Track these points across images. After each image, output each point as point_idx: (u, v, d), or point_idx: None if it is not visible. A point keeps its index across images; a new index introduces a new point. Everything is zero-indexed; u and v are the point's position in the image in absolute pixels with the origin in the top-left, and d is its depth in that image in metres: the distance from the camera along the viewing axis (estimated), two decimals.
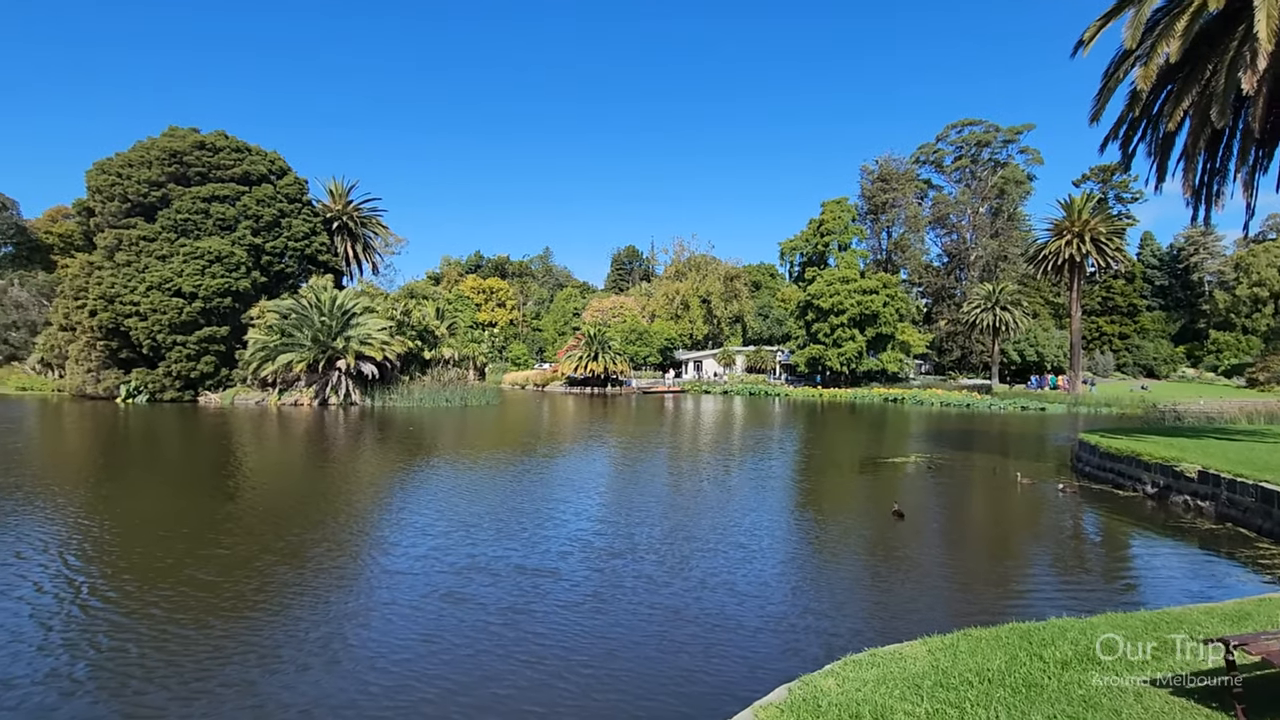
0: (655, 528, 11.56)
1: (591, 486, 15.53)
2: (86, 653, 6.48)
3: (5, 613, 7.41)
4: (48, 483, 15.13)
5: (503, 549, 10.20)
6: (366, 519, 12.26)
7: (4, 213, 68.80)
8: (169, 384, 39.99)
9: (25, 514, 12.00)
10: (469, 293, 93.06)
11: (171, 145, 42.13)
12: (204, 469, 17.78)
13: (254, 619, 7.30)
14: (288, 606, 7.71)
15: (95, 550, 9.91)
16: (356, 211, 53.99)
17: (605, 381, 62.17)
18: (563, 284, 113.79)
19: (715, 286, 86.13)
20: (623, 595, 8.28)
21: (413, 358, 45.76)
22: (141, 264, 39.49)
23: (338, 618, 7.37)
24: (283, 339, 38.58)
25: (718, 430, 30.11)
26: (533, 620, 7.41)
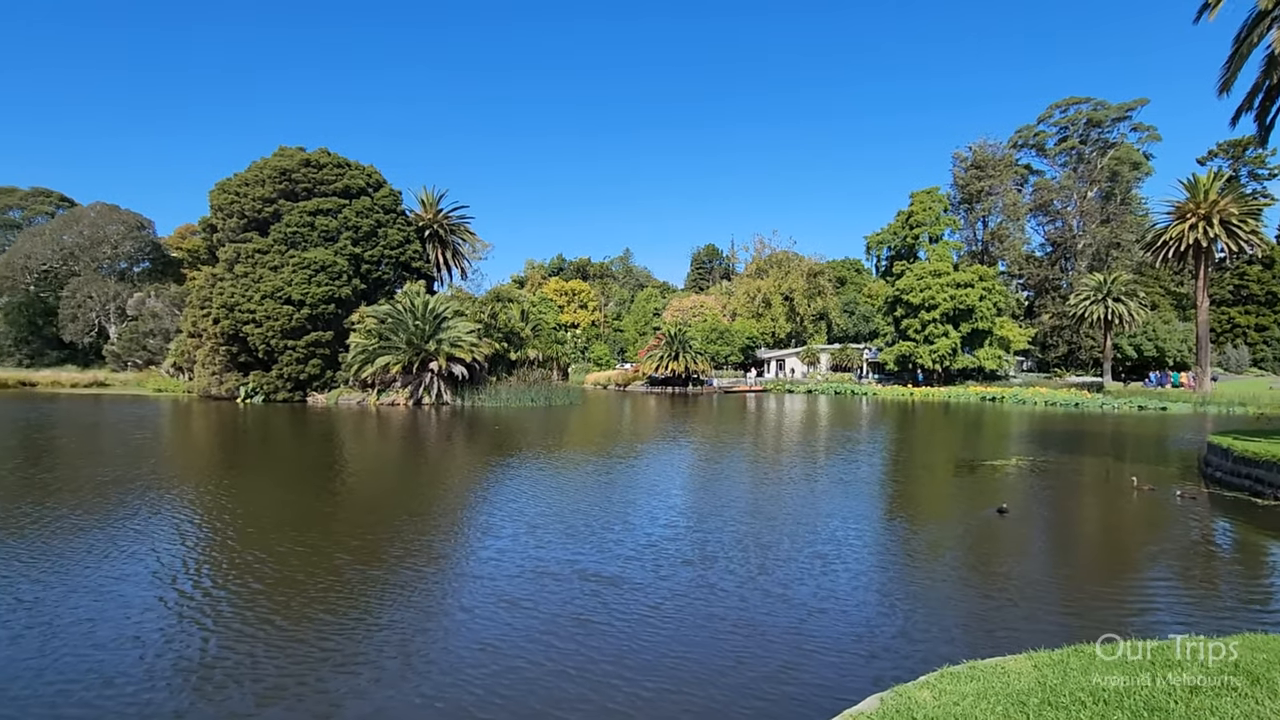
0: (731, 534, 11.20)
1: (666, 489, 15.38)
2: (172, 646, 6.68)
3: (112, 601, 7.84)
4: (166, 476, 16.58)
5: (569, 552, 10.05)
6: (444, 519, 12.54)
7: (142, 232, 76.33)
8: (281, 385, 43.13)
9: (142, 505, 13.11)
10: (552, 295, 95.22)
11: (281, 164, 45.46)
12: (308, 465, 19.00)
13: (325, 620, 7.35)
14: (352, 609, 7.72)
15: (198, 541, 10.69)
16: (446, 219, 56.36)
17: (686, 381, 62.05)
18: (643, 284, 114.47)
19: (798, 283, 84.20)
20: (691, 606, 7.97)
21: (499, 359, 47.30)
22: (256, 275, 42.81)
23: (399, 623, 7.32)
24: (380, 342, 40.79)
25: (801, 431, 29.42)
26: (592, 632, 7.16)
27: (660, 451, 22.02)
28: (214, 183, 46.75)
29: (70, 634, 6.85)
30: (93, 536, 10.69)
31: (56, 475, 16.41)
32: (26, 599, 7.79)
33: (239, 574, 8.86)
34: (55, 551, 9.81)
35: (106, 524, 11.50)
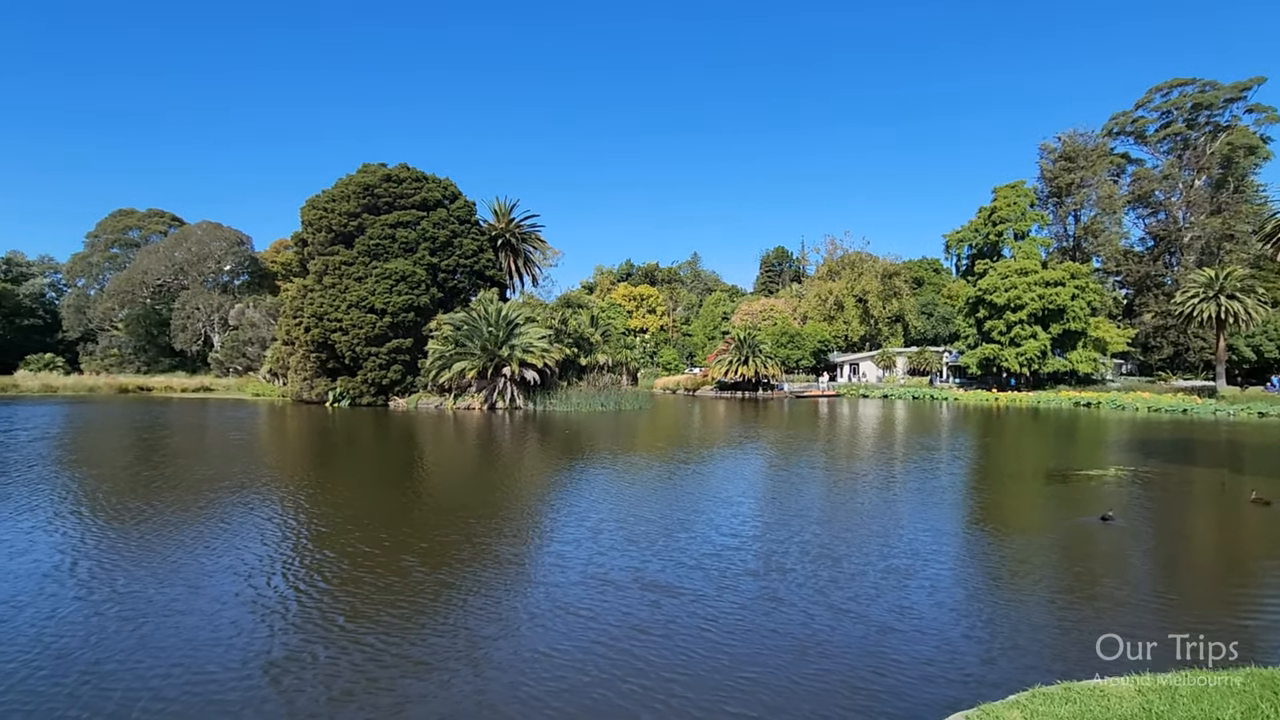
0: (799, 544, 10.75)
1: (734, 496, 15.04)
2: (247, 640, 6.93)
3: (199, 594, 8.28)
4: (256, 475, 17.62)
5: (632, 559, 9.87)
6: (511, 522, 12.58)
7: (241, 247, 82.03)
8: (365, 390, 45.30)
9: (232, 502, 13.94)
10: (621, 300, 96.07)
11: (364, 180, 47.89)
12: (385, 467, 19.79)
13: (391, 621, 7.42)
14: (418, 611, 7.75)
15: (277, 539, 11.20)
16: (518, 228, 57.84)
17: (756, 385, 61.23)
18: (711, 288, 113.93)
19: (872, 285, 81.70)
20: (753, 619, 7.64)
21: (570, 364, 48.07)
22: (343, 285, 45.19)
23: (463, 628, 7.32)
24: (457, 349, 42.23)
25: (876, 436, 28.45)
26: (648, 643, 6.96)
27: (729, 457, 21.70)
28: (305, 199, 49.76)
29: (159, 623, 7.31)
30: (186, 532, 11.47)
31: (161, 473, 17.81)
32: (121, 589, 8.43)
33: (312, 572, 9.22)
34: (152, 545, 10.58)
35: (199, 520, 12.32)
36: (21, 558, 9.69)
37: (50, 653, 6.56)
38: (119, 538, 11.01)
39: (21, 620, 7.37)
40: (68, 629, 7.14)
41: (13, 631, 7.08)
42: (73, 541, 10.66)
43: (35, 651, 6.59)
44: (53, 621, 7.34)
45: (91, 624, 7.27)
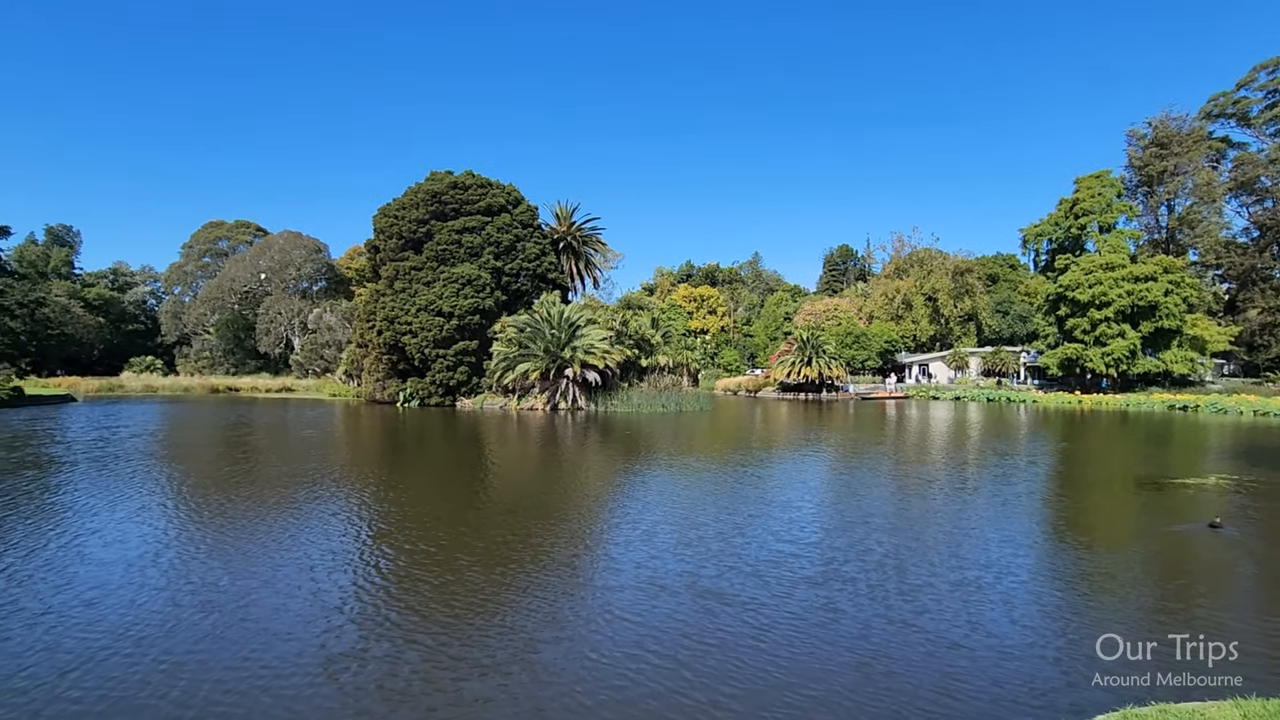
0: (862, 552, 10.26)
1: (795, 500, 14.57)
2: (306, 636, 7.11)
3: (266, 589, 8.56)
4: (327, 473, 18.31)
5: (686, 564, 9.63)
6: (568, 523, 12.51)
7: (319, 255, 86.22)
8: (434, 390, 46.75)
9: (303, 499, 14.52)
10: (681, 301, 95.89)
11: (432, 188, 49.47)
12: (450, 466, 20.23)
13: (445, 620, 7.47)
14: (475, 613, 7.75)
15: (341, 535, 11.52)
16: (579, 231, 58.54)
17: (820, 387, 59.86)
18: (773, 288, 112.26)
19: (942, 282, 78.67)
20: (808, 629, 7.31)
21: (631, 365, 48.23)
22: (412, 290, 46.80)
23: (516, 629, 7.29)
24: (520, 350, 43.04)
25: (947, 440, 27.26)
26: (696, 652, 6.74)
27: (790, 460, 21.14)
28: (377, 207, 51.82)
29: (230, 614, 7.62)
30: (260, 526, 12.01)
31: (240, 468, 18.84)
32: (197, 579, 8.87)
33: (373, 568, 9.42)
34: (228, 538, 11.10)
35: (273, 514, 12.90)
36: (112, 547, 10.36)
37: (129, 638, 6.95)
38: (199, 530, 11.65)
39: (107, 605, 7.86)
40: (146, 616, 7.55)
41: (98, 616, 7.54)
42: (158, 532, 11.33)
43: (116, 635, 7.00)
44: (134, 608, 7.79)
45: (168, 612, 7.67)
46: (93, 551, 10.14)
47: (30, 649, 6.66)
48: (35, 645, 6.75)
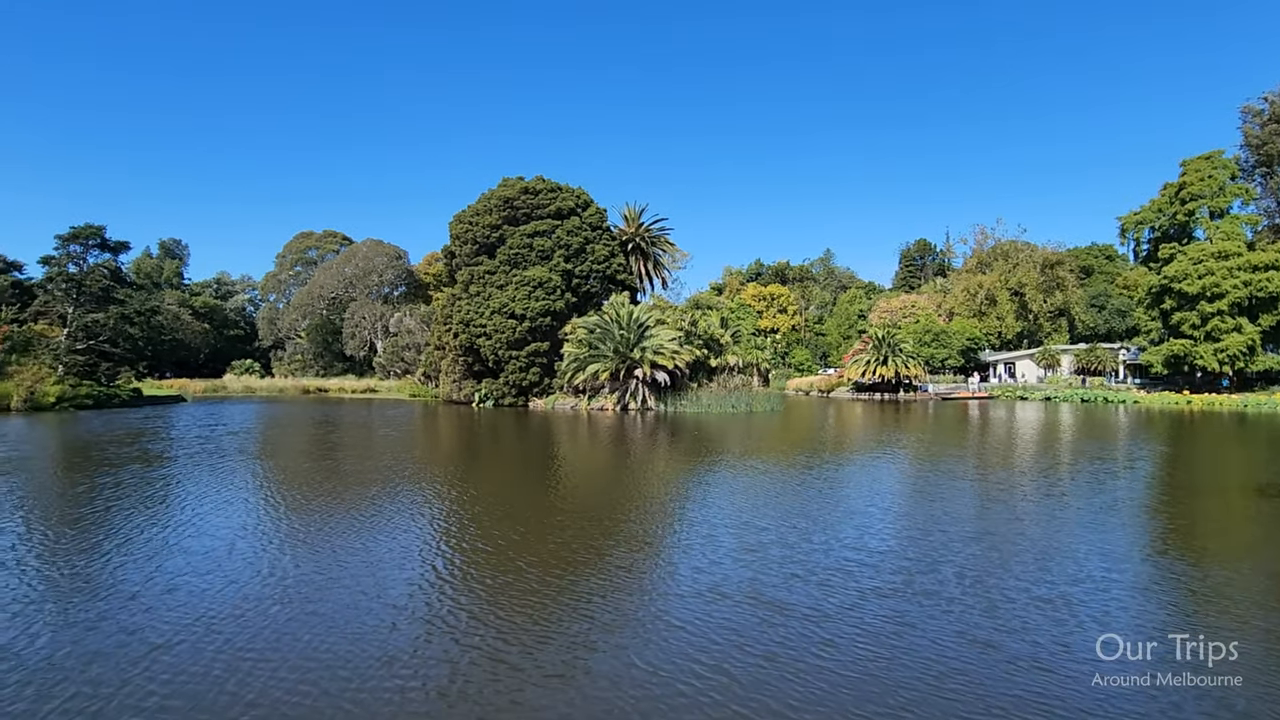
0: (938, 563, 9.56)
1: (867, 505, 13.93)
2: (371, 634, 7.19)
3: (333, 585, 8.77)
4: (401, 470, 19.00)
5: (750, 571, 9.19)
6: (633, 526, 12.37)
7: (399, 261, 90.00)
8: (507, 391, 47.94)
9: (378, 496, 15.09)
10: (750, 300, 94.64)
11: (504, 193, 50.74)
12: (520, 466, 20.58)
13: (500, 622, 7.43)
14: (524, 616, 7.64)
15: (409, 533, 11.83)
16: (647, 232, 58.70)
17: (897, 387, 57.81)
18: (846, 286, 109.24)
19: (1029, 276, 74.51)
20: (875, 645, 6.79)
21: (700, 365, 47.96)
22: (486, 293, 48.14)
23: (571, 635, 7.15)
24: (590, 351, 43.53)
25: (1037, 443, 25.69)
26: (748, 665, 6.36)
27: (864, 463, 20.35)
28: (452, 214, 53.59)
29: (295, 609, 7.86)
30: (334, 522, 12.49)
31: (319, 465, 19.80)
32: (266, 572, 9.26)
33: (438, 567, 9.53)
34: (302, 534, 11.56)
35: (348, 510, 13.43)
36: (198, 537, 11.05)
37: (199, 625, 7.29)
38: (278, 523, 12.28)
39: (184, 592, 8.34)
40: (218, 606, 7.93)
41: (175, 602, 8.00)
42: (238, 525, 11.99)
43: (187, 623, 7.38)
44: (206, 597, 8.21)
45: (237, 603, 8.01)
46: (179, 540, 10.85)
47: (119, 629, 7.16)
48: (124, 627, 7.24)
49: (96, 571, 9.30)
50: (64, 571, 9.34)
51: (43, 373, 41.91)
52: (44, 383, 40.58)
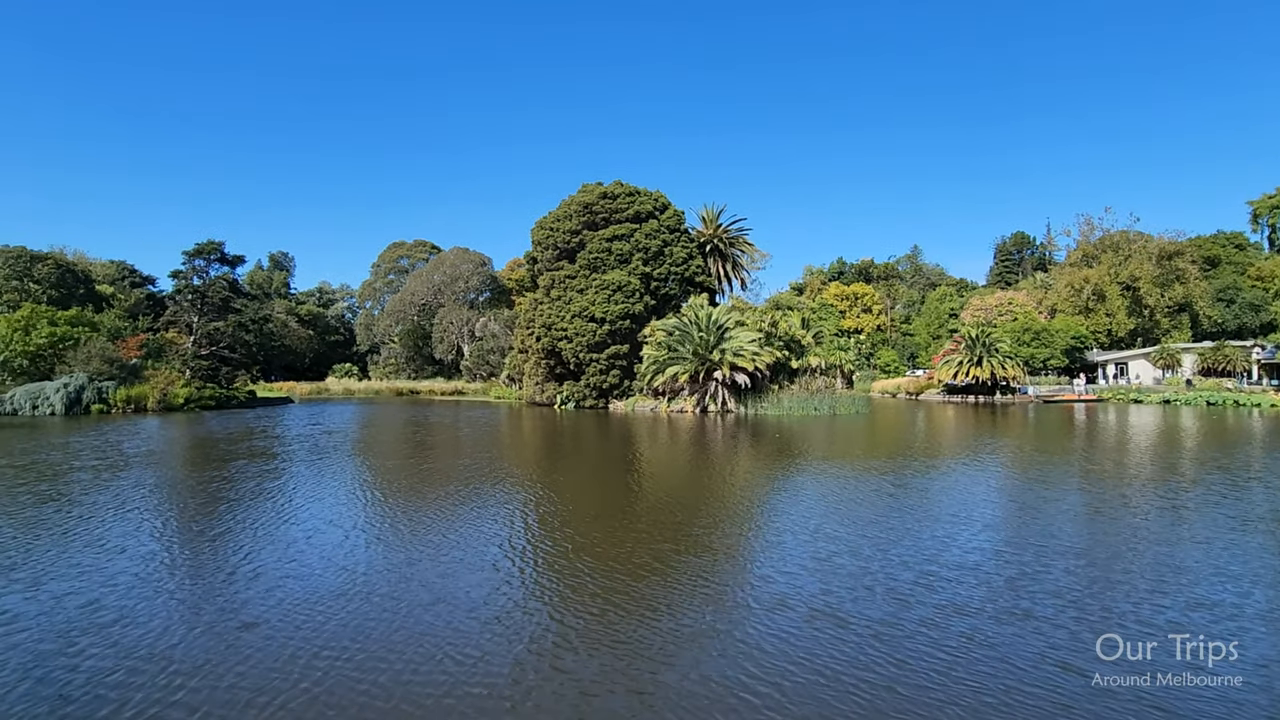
0: (1035, 580, 8.89)
1: (957, 513, 13.05)
2: (444, 634, 7.35)
3: (413, 584, 9.06)
4: (486, 469, 19.52)
5: (819, 583, 8.81)
6: (708, 530, 12.16)
7: (484, 268, 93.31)
8: (588, 393, 48.70)
9: (467, 493, 15.56)
10: (832, 300, 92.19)
11: (584, 199, 51.63)
12: (602, 467, 20.70)
13: (576, 626, 7.40)
14: (598, 624, 7.58)
15: (495, 529, 12.08)
16: (725, 233, 58.25)
17: (993, 388, 54.75)
18: (935, 283, 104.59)
19: (1144, 269, 68.90)
20: (951, 671, 6.25)
21: (781, 367, 47.11)
22: (567, 298, 49.11)
23: (625, 641, 7.07)
24: (669, 353, 43.59)
25: (1154, 451, 23.59)
26: (804, 682, 6.04)
27: (955, 470, 19.12)
28: (534, 220, 55.04)
29: (373, 602, 8.13)
30: (417, 518, 12.97)
31: (409, 463, 20.68)
32: (346, 565, 9.67)
33: (500, 571, 9.53)
34: (383, 529, 12.07)
35: (429, 508, 13.89)
36: (286, 526, 11.80)
37: (279, 610, 7.77)
38: (362, 518, 12.86)
39: (266, 581, 8.84)
40: (298, 594, 8.37)
41: (262, 587, 8.54)
42: (326, 519, 12.58)
43: (270, 606, 7.89)
44: (285, 583, 8.73)
45: (315, 593, 8.38)
46: (273, 530, 11.66)
47: (220, 609, 7.72)
48: (223, 606, 7.79)
49: (204, 555, 10.25)
50: (178, 553, 10.31)
51: (173, 376, 46.05)
52: (174, 385, 44.57)
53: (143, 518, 12.68)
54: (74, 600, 8.12)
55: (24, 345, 43.20)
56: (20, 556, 9.98)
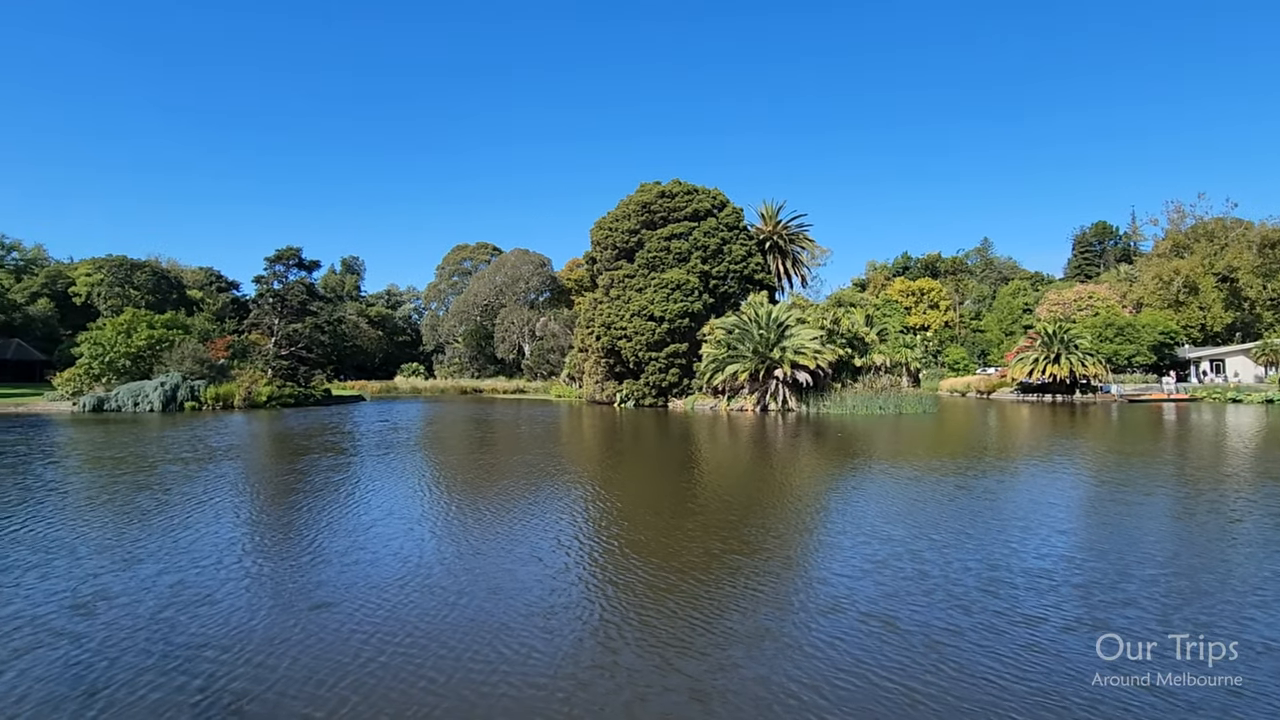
0: (1113, 589, 8.07)
1: (1030, 519, 12.21)
2: (502, 631, 7.51)
3: (471, 578, 9.22)
4: (546, 464, 19.79)
5: (880, 586, 8.33)
6: (754, 528, 11.91)
7: (543, 269, 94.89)
8: (647, 392, 48.85)
9: (516, 489, 15.82)
10: (897, 296, 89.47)
11: (642, 198, 51.79)
12: (663, 464, 20.65)
13: (633, 624, 7.32)
14: (618, 623, 7.55)
15: (561, 525, 12.15)
16: (785, 230, 57.31)
17: (1072, 387, 51.96)
18: (1007, 277, 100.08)
19: (1243, 258, 64.01)
20: (1012, 681, 5.86)
21: (844, 365, 46.05)
22: (626, 297, 49.39)
23: (653, 647, 7.05)
24: (729, 352, 43.25)
25: (1258, 455, 21.83)
26: (873, 694, 5.74)
27: (1028, 472, 18.01)
28: (593, 221, 55.59)
29: (429, 595, 8.25)
30: (479, 511, 13.26)
31: (470, 459, 21.18)
32: (407, 557, 9.94)
33: (553, 568, 9.47)
34: (449, 523, 12.32)
35: (492, 502, 14.15)
36: (347, 516, 12.17)
37: (350, 592, 8.03)
38: (428, 510, 13.22)
39: (328, 569, 9.13)
40: (366, 579, 8.63)
41: (332, 573, 8.82)
42: (392, 510, 12.99)
43: (338, 589, 8.18)
44: (348, 569, 9.03)
45: (391, 592, 8.50)
46: (342, 519, 12.12)
47: (293, 589, 8.08)
48: (300, 588, 8.16)
49: (280, 541, 10.83)
50: (257, 539, 10.93)
51: (256, 375, 48.81)
52: (258, 384, 47.23)
53: (226, 506, 13.47)
54: (165, 579, 8.71)
55: (126, 347, 46.61)
56: (117, 539, 10.77)
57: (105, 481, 16.48)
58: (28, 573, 8.98)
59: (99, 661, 6.32)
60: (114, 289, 77.25)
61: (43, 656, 6.42)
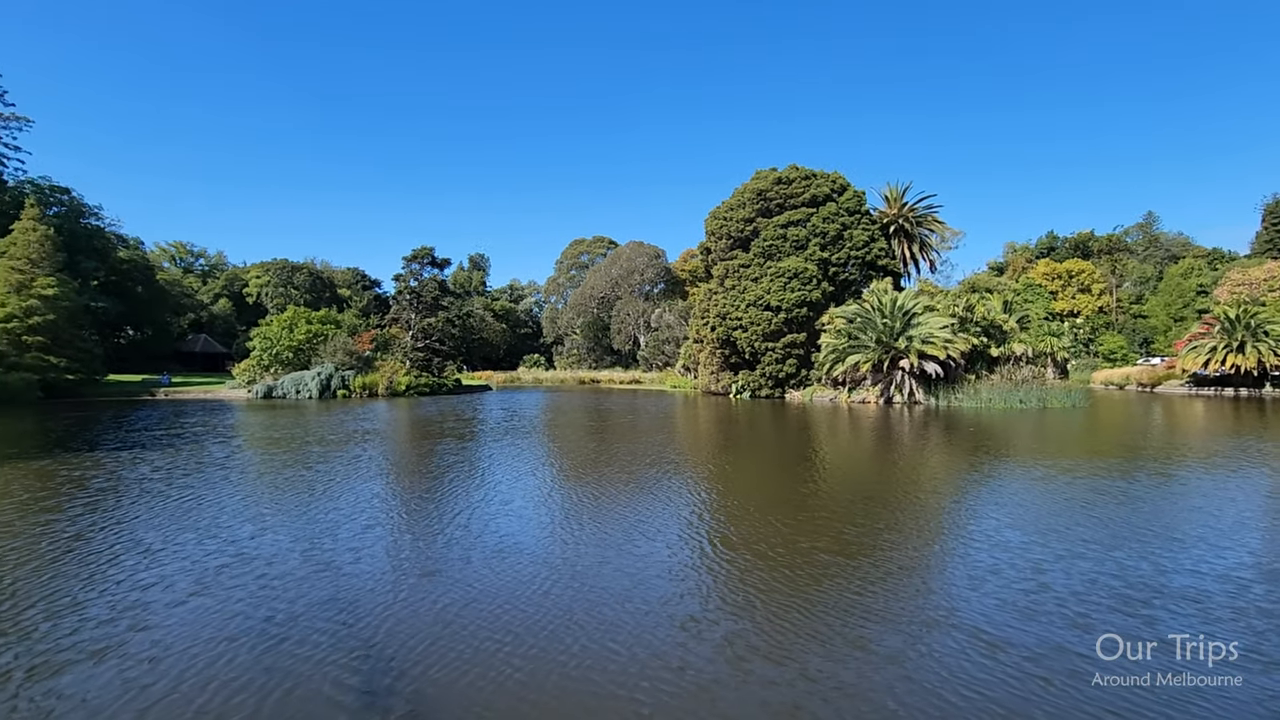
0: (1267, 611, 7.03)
1: (1193, 533, 10.49)
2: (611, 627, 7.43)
3: (569, 570, 9.26)
4: (662, 454, 19.74)
5: (981, 598, 7.57)
6: (860, 529, 11.14)
7: (658, 260, 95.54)
8: (764, 383, 48.00)
9: (644, 477, 15.81)
10: (1041, 280, 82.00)
11: (757, 186, 50.71)
12: (781, 456, 20.03)
13: (726, 626, 7.09)
14: (759, 628, 7.39)
15: (674, 516, 12.06)
16: (911, 212, 54.10)
17: (1260, 380, 45.34)
18: (1177, 256, 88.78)
19: None
20: (1148, 710, 5.27)
21: (978, 355, 42.90)
22: (741, 287, 48.68)
23: (737, 657, 6.68)
24: (850, 341, 41.54)
25: None
26: (970, 706, 5.33)
27: (1200, 477, 15.53)
28: (707, 211, 55.20)
29: (558, 584, 8.35)
30: (598, 494, 13.59)
31: (587, 446, 21.57)
32: (510, 545, 10.13)
33: (653, 561, 9.32)
34: (571, 504, 12.66)
35: (614, 493, 14.19)
36: (478, 494, 12.75)
37: (499, 574, 8.33)
38: (553, 497, 13.53)
39: (423, 560, 9.47)
40: (497, 567, 8.93)
41: (456, 555, 9.17)
42: (516, 496, 13.45)
43: (470, 569, 8.53)
44: (433, 553, 9.34)
45: (468, 577, 8.74)
46: (464, 497, 12.65)
47: (400, 573, 8.56)
48: (404, 568, 8.64)
49: (409, 514, 11.72)
50: (389, 512, 11.90)
51: (396, 366, 53.00)
52: (398, 374, 51.32)
53: (364, 483, 14.76)
54: (300, 545, 9.78)
55: (289, 341, 52.17)
56: (268, 509, 12.12)
57: (262, 460, 18.52)
58: (193, 534, 10.27)
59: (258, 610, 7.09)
60: (278, 289, 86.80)
61: (216, 596, 7.31)
